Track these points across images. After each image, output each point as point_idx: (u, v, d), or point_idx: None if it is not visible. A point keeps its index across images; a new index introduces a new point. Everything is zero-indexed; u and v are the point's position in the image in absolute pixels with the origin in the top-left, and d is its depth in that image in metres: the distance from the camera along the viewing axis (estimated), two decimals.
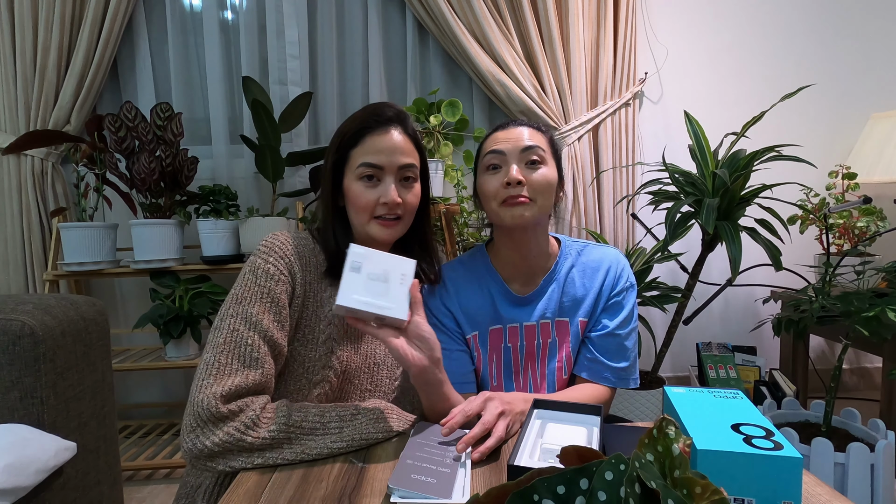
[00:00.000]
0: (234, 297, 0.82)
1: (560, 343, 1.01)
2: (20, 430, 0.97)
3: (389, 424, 0.80)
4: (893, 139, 2.09)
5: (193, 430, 0.72)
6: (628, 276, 1.02)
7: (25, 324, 1.02)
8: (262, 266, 0.84)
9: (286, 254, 0.87)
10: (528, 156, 0.93)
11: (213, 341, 0.79)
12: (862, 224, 2.00)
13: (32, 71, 1.99)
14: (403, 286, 0.77)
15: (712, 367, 2.05)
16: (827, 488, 0.59)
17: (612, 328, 0.99)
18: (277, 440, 0.73)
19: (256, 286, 0.83)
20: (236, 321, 0.80)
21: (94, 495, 1.18)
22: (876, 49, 2.33)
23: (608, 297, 1.00)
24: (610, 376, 0.99)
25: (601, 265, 1.01)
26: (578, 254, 1.03)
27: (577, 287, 1.01)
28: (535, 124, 0.99)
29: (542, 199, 0.93)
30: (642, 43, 2.25)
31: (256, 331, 0.79)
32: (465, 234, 2.10)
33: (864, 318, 1.32)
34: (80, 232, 1.82)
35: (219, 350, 0.77)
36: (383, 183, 0.90)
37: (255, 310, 0.80)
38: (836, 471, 1.34)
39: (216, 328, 0.80)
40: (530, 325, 1.00)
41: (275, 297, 0.83)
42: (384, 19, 2.21)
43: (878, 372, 2.37)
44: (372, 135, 0.90)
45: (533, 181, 0.92)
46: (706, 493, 0.35)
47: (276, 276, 0.84)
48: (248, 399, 0.75)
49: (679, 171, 1.79)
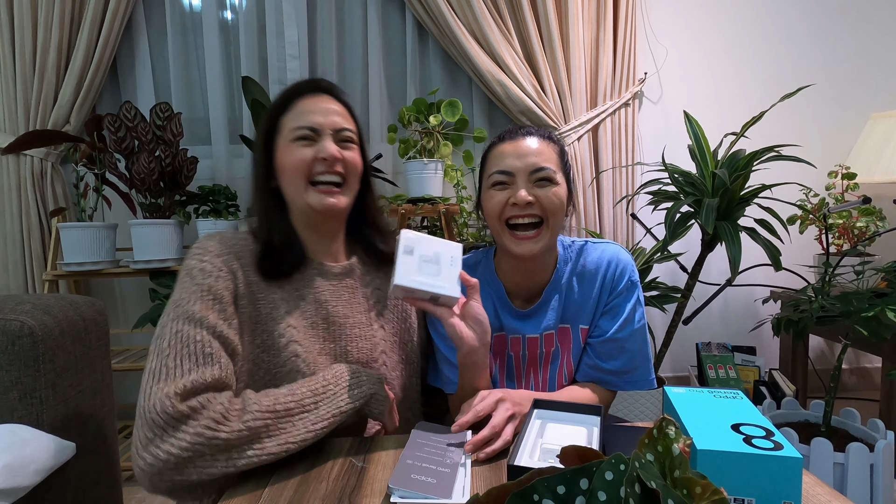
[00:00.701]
0: (172, 303, 0.76)
1: (562, 350, 0.98)
2: (19, 431, 0.97)
3: (363, 389, 0.79)
4: (893, 139, 2.09)
5: (151, 442, 0.64)
6: (629, 275, 0.96)
7: (24, 324, 1.02)
8: (196, 266, 0.79)
9: (220, 252, 0.81)
10: (539, 176, 0.88)
11: (155, 350, 0.72)
12: (861, 224, 2.00)
13: (32, 71, 1.99)
14: (454, 268, 0.80)
15: (712, 367, 2.05)
16: (827, 488, 0.59)
17: (611, 333, 0.94)
18: (255, 430, 0.67)
19: (194, 285, 0.77)
20: (178, 323, 0.73)
21: (94, 495, 1.18)
22: (875, 49, 2.33)
23: (607, 300, 0.96)
24: (613, 380, 0.96)
25: (599, 267, 0.96)
26: (577, 257, 0.98)
27: (577, 294, 0.97)
28: (546, 133, 0.94)
29: (554, 221, 0.89)
30: (642, 43, 2.25)
31: (203, 327, 0.73)
32: (464, 235, 2.10)
33: (863, 318, 1.32)
34: (79, 232, 1.82)
35: (164, 355, 0.70)
36: (319, 142, 0.85)
37: (197, 307, 0.74)
38: (836, 471, 1.34)
39: (158, 337, 0.73)
40: (533, 337, 0.97)
41: (216, 293, 0.77)
42: (384, 19, 2.21)
43: (878, 372, 2.37)
44: (303, 98, 0.86)
45: (543, 201, 0.87)
46: (706, 493, 0.35)
47: (214, 273, 0.78)
48: (209, 395, 0.68)
49: (679, 171, 1.79)
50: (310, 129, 0.84)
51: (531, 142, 0.90)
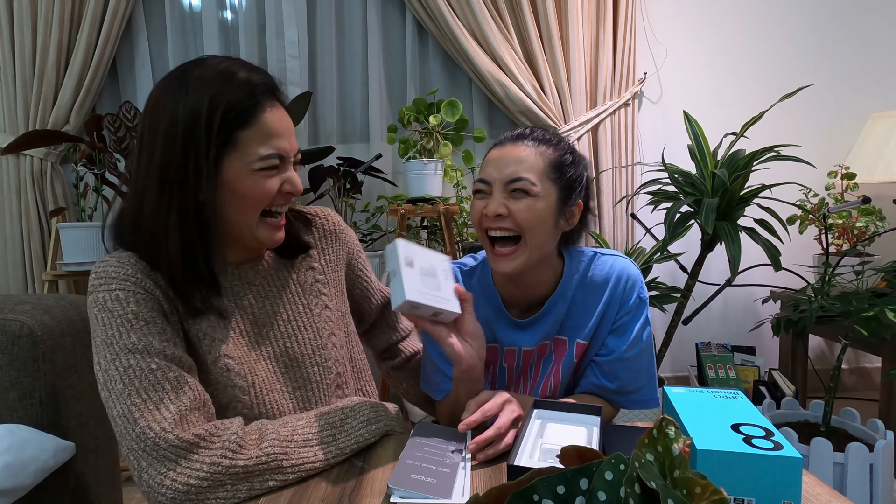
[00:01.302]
0: (101, 343, 0.68)
1: (555, 360, 0.94)
2: (19, 431, 0.96)
3: (380, 425, 0.78)
4: (892, 139, 2.09)
5: (166, 476, 0.61)
6: (639, 292, 0.91)
7: (24, 324, 1.02)
8: (107, 297, 0.69)
9: (125, 275, 0.71)
10: (514, 187, 0.82)
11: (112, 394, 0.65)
12: (861, 224, 2.00)
13: (31, 71, 1.99)
14: (449, 281, 0.77)
15: (711, 367, 2.05)
16: (827, 488, 0.59)
17: (620, 353, 0.90)
18: (275, 457, 0.66)
19: (115, 318, 0.68)
20: (122, 360, 0.66)
21: (94, 495, 1.18)
22: (875, 49, 2.33)
23: (615, 317, 0.91)
24: (618, 399, 0.92)
25: (607, 281, 0.91)
26: (585, 269, 0.92)
27: (580, 306, 0.91)
28: (543, 137, 0.87)
29: (532, 237, 0.82)
30: (641, 43, 2.25)
31: (153, 355, 0.67)
32: (464, 235, 2.10)
33: (863, 318, 1.32)
34: (79, 232, 1.82)
35: (125, 396, 0.64)
36: (284, 170, 0.75)
37: (134, 338, 0.67)
38: (836, 471, 1.34)
39: (105, 382, 0.66)
40: (529, 350, 0.93)
41: (145, 317, 0.69)
42: (384, 19, 2.21)
43: (878, 372, 2.37)
44: (264, 113, 0.72)
45: (516, 214, 0.81)
46: (706, 493, 0.35)
47: (131, 297, 0.69)
48: (217, 422, 0.67)
49: (678, 171, 1.79)
50: (279, 158, 0.73)
51: (518, 149, 0.84)
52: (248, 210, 0.74)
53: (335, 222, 0.95)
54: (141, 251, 0.74)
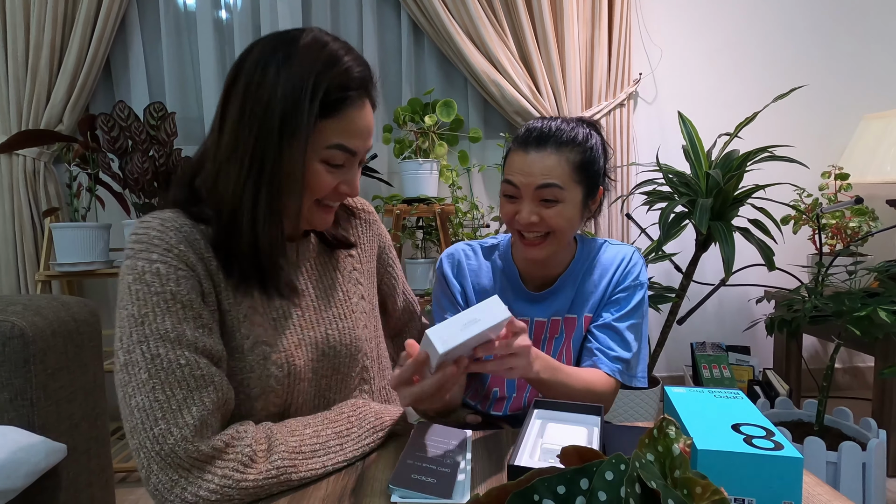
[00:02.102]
0: (130, 318, 0.64)
1: (566, 339, 1.01)
2: (10, 432, 0.96)
3: (385, 431, 0.78)
4: (885, 140, 2.11)
5: (177, 484, 0.60)
6: (638, 274, 0.98)
7: (15, 325, 1.01)
8: (146, 268, 0.65)
9: (169, 244, 0.67)
10: (544, 194, 0.87)
11: (133, 381, 0.62)
12: (854, 224, 2.02)
13: (24, 70, 1.97)
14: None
15: (706, 367, 2.06)
16: (827, 488, 0.60)
17: (610, 320, 0.97)
18: (284, 470, 0.64)
19: (152, 295, 0.64)
20: (150, 346, 0.62)
21: (86, 497, 1.17)
22: (868, 51, 2.35)
23: (612, 292, 0.98)
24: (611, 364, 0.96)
25: (613, 262, 0.99)
26: (595, 254, 1.01)
27: (589, 284, 0.99)
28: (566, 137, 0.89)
29: (561, 234, 0.90)
30: (637, 44, 2.25)
31: (183, 346, 0.63)
32: (460, 235, 2.10)
33: (855, 318, 1.33)
34: (72, 232, 1.80)
35: (148, 388, 0.61)
36: (348, 170, 0.74)
37: (168, 324, 0.63)
38: (829, 469, 1.35)
39: (128, 365, 0.62)
40: (541, 321, 1.00)
41: (183, 299, 0.65)
42: (379, 19, 2.20)
43: (871, 371, 2.39)
44: (352, 108, 0.70)
45: (548, 220, 0.88)
46: (706, 493, 0.35)
47: (172, 275, 0.65)
48: (232, 431, 0.64)
49: (673, 172, 1.79)
50: (349, 152, 0.72)
51: (543, 157, 0.87)
52: (305, 197, 0.72)
53: (370, 212, 0.95)
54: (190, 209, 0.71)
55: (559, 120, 0.92)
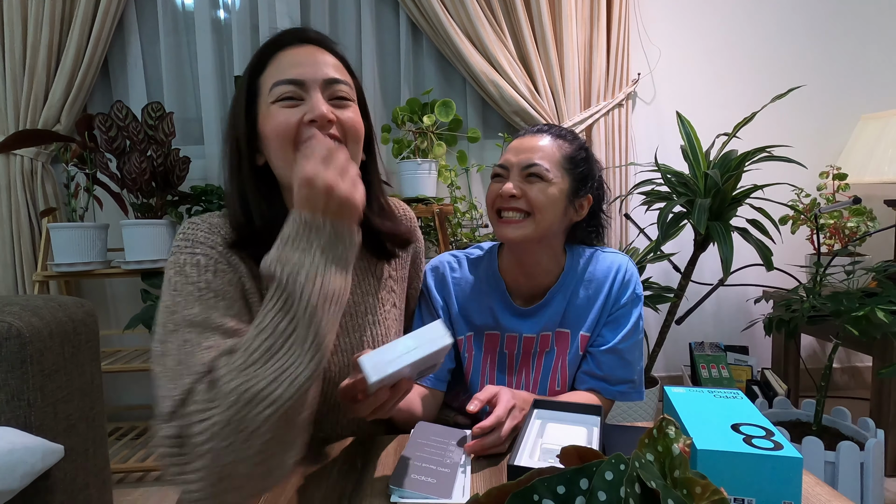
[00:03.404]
0: (165, 310, 0.63)
1: (558, 354, 0.97)
2: (6, 433, 0.95)
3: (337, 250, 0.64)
4: (883, 140, 2.11)
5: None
6: (634, 286, 0.96)
7: (12, 325, 1.00)
8: (188, 260, 0.66)
9: (213, 242, 0.68)
10: (530, 171, 0.89)
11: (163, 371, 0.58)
12: (852, 224, 2.02)
13: (22, 70, 1.96)
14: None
15: (705, 367, 2.06)
16: (827, 488, 0.60)
17: (614, 343, 0.94)
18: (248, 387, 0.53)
19: (189, 284, 0.64)
20: (181, 333, 0.60)
21: (83, 498, 1.16)
22: (866, 51, 2.36)
23: (611, 309, 0.95)
24: (611, 390, 0.95)
25: (608, 275, 0.96)
26: (586, 264, 0.97)
27: (581, 299, 0.96)
28: (561, 133, 0.93)
29: (540, 216, 0.88)
30: (635, 44, 2.26)
31: (211, 329, 0.61)
32: (458, 235, 2.10)
33: (853, 318, 1.33)
34: (70, 232, 1.80)
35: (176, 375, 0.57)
36: (307, 101, 0.70)
37: (196, 310, 0.62)
38: (827, 469, 1.35)
39: (161, 356, 0.60)
40: (530, 336, 0.96)
41: (216, 288, 0.64)
42: (377, 19, 2.20)
43: (869, 371, 2.40)
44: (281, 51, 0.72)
45: (529, 194, 0.88)
46: (706, 493, 0.35)
47: (211, 266, 0.66)
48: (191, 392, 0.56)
49: (671, 172, 1.79)
50: (292, 82, 0.68)
51: (536, 139, 0.91)
52: (279, 149, 0.69)
53: (410, 217, 0.94)
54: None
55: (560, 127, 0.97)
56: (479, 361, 0.99)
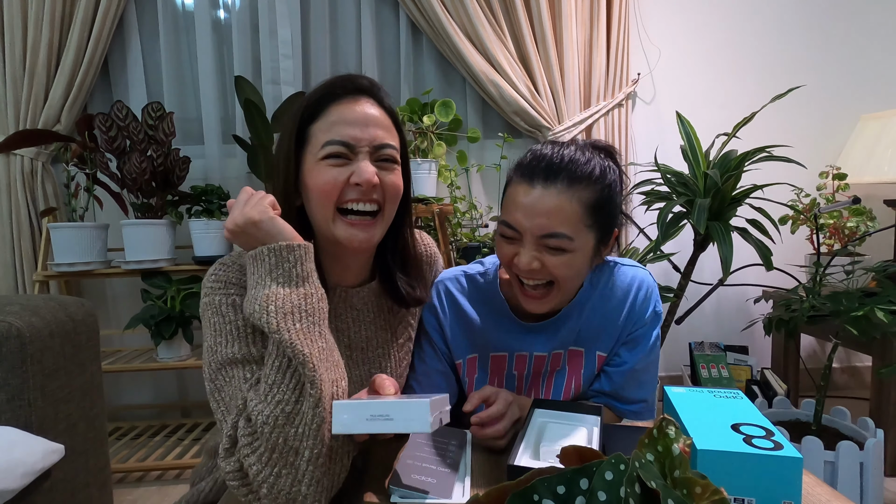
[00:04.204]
0: (209, 350, 0.67)
1: (570, 373, 0.91)
2: (7, 433, 0.95)
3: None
4: (883, 140, 2.11)
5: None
6: (654, 304, 0.89)
7: (12, 325, 1.01)
8: (223, 301, 0.68)
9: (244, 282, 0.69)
10: (549, 243, 0.75)
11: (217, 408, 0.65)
12: (852, 224, 2.02)
13: (22, 70, 1.97)
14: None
15: (704, 367, 2.06)
16: (827, 488, 0.60)
17: (631, 364, 0.88)
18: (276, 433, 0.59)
19: (227, 324, 0.67)
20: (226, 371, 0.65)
21: (83, 497, 1.17)
22: (865, 51, 2.36)
23: (631, 329, 0.88)
24: (624, 409, 0.91)
25: (628, 292, 0.88)
26: (605, 279, 0.89)
27: (598, 317, 0.88)
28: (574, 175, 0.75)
29: (566, 284, 0.78)
30: (635, 44, 2.26)
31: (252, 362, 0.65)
32: (458, 235, 2.10)
33: (853, 318, 1.33)
34: (70, 232, 1.80)
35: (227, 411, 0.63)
36: (355, 162, 0.71)
37: (236, 347, 0.65)
38: (826, 469, 1.35)
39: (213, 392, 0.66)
40: (541, 355, 0.89)
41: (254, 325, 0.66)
42: (377, 19, 2.20)
43: (868, 371, 2.39)
44: (338, 105, 0.72)
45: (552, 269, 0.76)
46: (706, 493, 0.35)
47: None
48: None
49: (671, 172, 1.79)
50: (343, 144, 0.70)
51: (550, 196, 0.74)
52: (321, 205, 0.72)
53: (432, 253, 0.94)
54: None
55: (572, 148, 0.79)
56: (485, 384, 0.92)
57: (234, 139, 2.00)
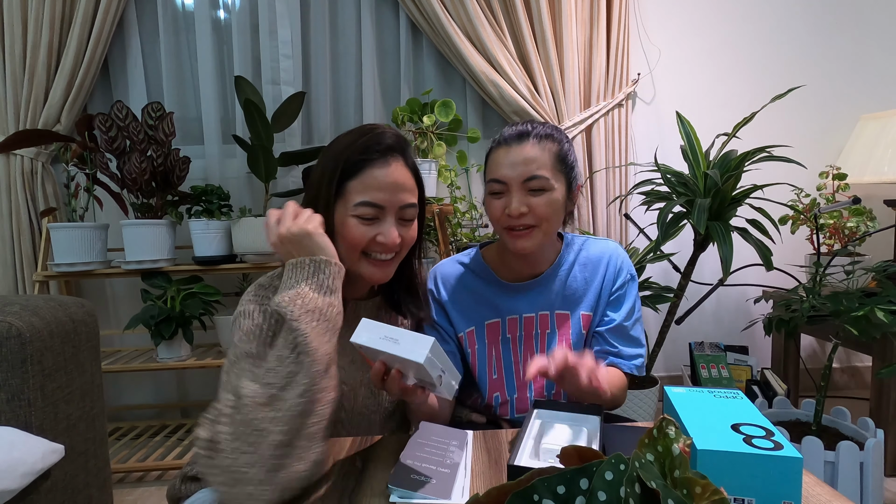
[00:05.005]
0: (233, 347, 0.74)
1: (560, 335, 1.02)
2: (7, 433, 0.95)
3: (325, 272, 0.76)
4: (882, 140, 2.11)
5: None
6: (628, 268, 1.03)
7: (12, 325, 1.01)
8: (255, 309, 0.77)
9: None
10: (532, 185, 0.91)
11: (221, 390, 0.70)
12: (852, 224, 2.02)
13: (22, 70, 1.97)
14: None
15: (705, 367, 2.06)
16: (827, 488, 0.60)
17: (619, 320, 1.00)
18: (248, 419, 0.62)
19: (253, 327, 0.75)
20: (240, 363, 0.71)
21: (83, 498, 1.17)
22: (865, 51, 2.36)
23: (610, 291, 1.02)
24: (628, 364, 1.01)
25: (601, 259, 1.02)
26: (580, 248, 1.04)
27: (579, 280, 1.02)
28: (544, 132, 0.94)
29: (547, 225, 0.93)
30: (635, 44, 2.26)
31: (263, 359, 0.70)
32: (458, 235, 2.10)
33: (853, 318, 1.33)
34: (70, 232, 1.80)
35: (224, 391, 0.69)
36: (383, 222, 0.83)
37: (255, 344, 0.73)
38: (826, 469, 1.35)
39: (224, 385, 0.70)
40: (529, 316, 1.01)
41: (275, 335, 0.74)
42: (377, 19, 2.20)
43: (868, 371, 2.40)
44: (373, 167, 0.81)
45: (536, 209, 0.91)
46: (706, 493, 0.35)
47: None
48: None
49: (671, 172, 1.79)
50: (375, 206, 0.81)
51: (525, 148, 0.92)
52: (349, 250, 0.82)
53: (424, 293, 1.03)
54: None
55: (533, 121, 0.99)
56: (484, 354, 1.02)
57: (234, 139, 2.00)
